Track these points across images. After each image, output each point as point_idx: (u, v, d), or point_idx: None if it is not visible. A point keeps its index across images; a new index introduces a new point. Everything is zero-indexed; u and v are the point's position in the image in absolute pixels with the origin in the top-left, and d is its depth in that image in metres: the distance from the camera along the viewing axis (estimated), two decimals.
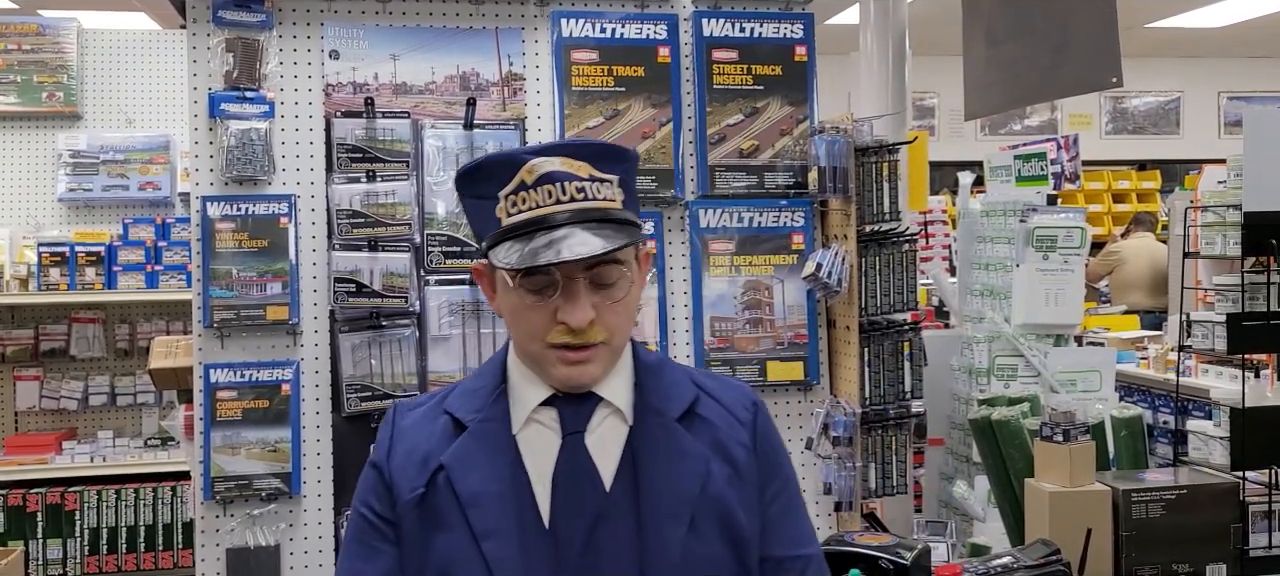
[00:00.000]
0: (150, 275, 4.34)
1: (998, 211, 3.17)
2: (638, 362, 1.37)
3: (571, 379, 1.29)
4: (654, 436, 1.32)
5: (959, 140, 9.13)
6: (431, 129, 2.71)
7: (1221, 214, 2.44)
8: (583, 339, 1.26)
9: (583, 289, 1.26)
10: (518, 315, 1.29)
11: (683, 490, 1.30)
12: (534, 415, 1.32)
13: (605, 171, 1.29)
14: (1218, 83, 10.08)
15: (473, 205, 1.33)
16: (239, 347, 2.63)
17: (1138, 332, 5.41)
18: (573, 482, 1.29)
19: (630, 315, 1.32)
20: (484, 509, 1.28)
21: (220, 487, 2.58)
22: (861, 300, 2.72)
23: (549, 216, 1.25)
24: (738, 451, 1.35)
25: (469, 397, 1.35)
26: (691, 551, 1.29)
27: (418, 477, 1.31)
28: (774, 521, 1.36)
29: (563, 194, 1.26)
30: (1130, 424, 2.54)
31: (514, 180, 1.26)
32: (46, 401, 4.52)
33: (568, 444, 1.31)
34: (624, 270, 1.29)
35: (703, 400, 1.37)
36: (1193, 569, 2.23)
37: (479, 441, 1.32)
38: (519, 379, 1.34)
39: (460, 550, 1.28)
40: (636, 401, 1.34)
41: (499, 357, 1.38)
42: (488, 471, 1.30)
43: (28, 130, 4.69)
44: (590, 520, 1.28)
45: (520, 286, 1.27)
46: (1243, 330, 2.39)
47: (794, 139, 2.85)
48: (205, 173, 2.64)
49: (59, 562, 4.28)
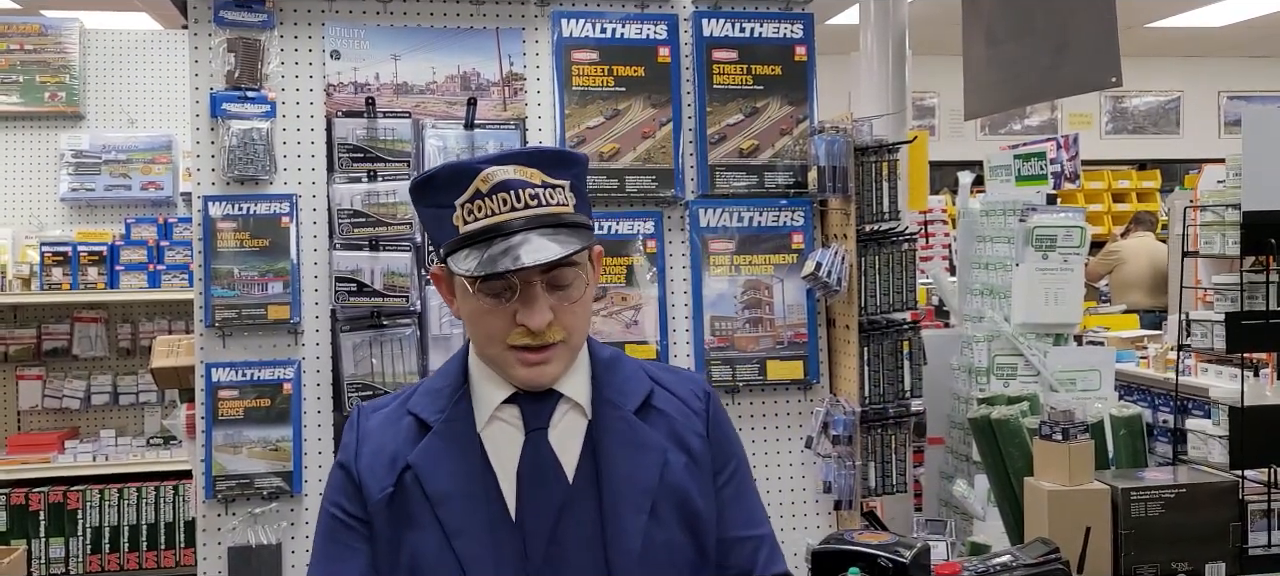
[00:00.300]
0: (152, 275, 4.35)
1: (997, 211, 3.18)
2: (594, 359, 1.42)
3: (532, 379, 1.33)
4: (613, 428, 1.38)
5: (959, 140, 9.13)
6: (432, 129, 2.72)
7: (1221, 213, 2.44)
8: (542, 340, 1.31)
9: (540, 292, 1.30)
10: (477, 319, 1.33)
11: (642, 479, 1.36)
12: (497, 413, 1.36)
13: (556, 177, 1.33)
14: (1218, 82, 10.08)
15: (428, 214, 1.37)
16: (241, 347, 2.64)
17: (1137, 332, 5.41)
18: (537, 477, 1.34)
19: (586, 314, 1.37)
20: (453, 507, 1.32)
21: (222, 486, 2.59)
22: (861, 299, 2.72)
23: (505, 223, 1.29)
24: (693, 440, 1.41)
25: (432, 398, 1.39)
26: (652, 537, 1.34)
27: (386, 477, 1.35)
28: (728, 503, 1.43)
29: (517, 201, 1.30)
30: (1129, 423, 2.55)
31: (469, 189, 1.30)
32: (49, 400, 4.53)
33: (531, 440, 1.35)
34: (579, 272, 1.34)
35: (657, 392, 1.43)
36: (1192, 567, 2.23)
37: (445, 441, 1.35)
38: (480, 378, 1.38)
39: (432, 548, 1.31)
40: (594, 396, 1.39)
41: (459, 358, 1.42)
42: (455, 470, 1.34)
43: (30, 130, 4.70)
44: (555, 512, 1.33)
45: (479, 292, 1.31)
46: (1242, 329, 2.39)
47: (794, 139, 2.86)
48: (207, 172, 2.65)
49: (61, 561, 4.29)
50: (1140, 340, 5.01)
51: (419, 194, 1.37)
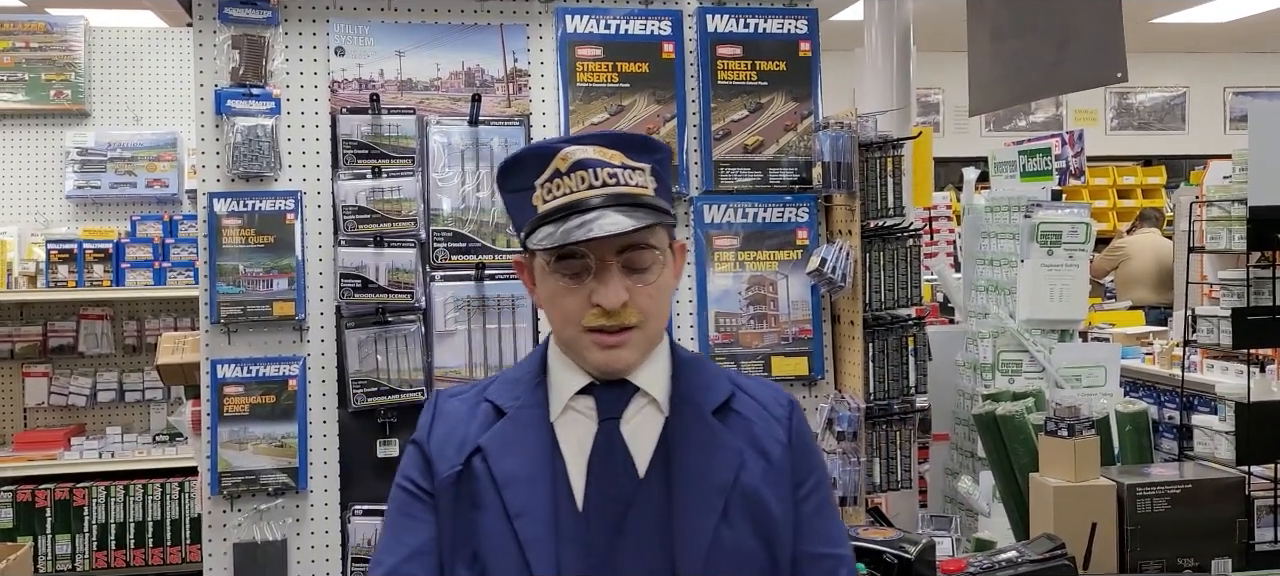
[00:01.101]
0: (158, 272, 4.36)
1: (1002, 207, 3.17)
2: (675, 357, 1.40)
3: (607, 363, 1.31)
4: (689, 427, 1.35)
5: (963, 136, 9.11)
6: (437, 125, 2.72)
7: (1227, 209, 2.43)
8: (617, 321, 1.29)
9: (616, 271, 1.29)
10: (554, 300, 1.32)
11: (716, 479, 1.32)
12: (572, 402, 1.35)
13: (637, 160, 1.32)
14: (1223, 78, 10.04)
15: (511, 199, 1.36)
16: (246, 343, 2.64)
17: (1142, 328, 5.39)
18: (606, 467, 1.32)
19: (664, 301, 1.35)
20: (518, 489, 1.31)
21: (227, 483, 2.59)
22: (866, 295, 2.72)
23: (582, 200, 1.28)
24: (773, 447, 1.37)
25: (509, 386, 1.39)
26: (721, 539, 1.30)
27: (455, 457, 1.35)
28: (807, 518, 1.38)
29: (595, 179, 1.29)
30: (1135, 419, 2.54)
31: (548, 168, 1.30)
32: (55, 397, 4.54)
33: (603, 429, 1.33)
34: (657, 254, 1.32)
35: (738, 396, 1.39)
36: (1198, 563, 2.22)
37: (517, 426, 1.35)
38: (558, 367, 1.37)
39: (494, 528, 1.30)
40: (673, 393, 1.36)
41: (540, 349, 1.41)
42: (524, 454, 1.33)
43: (36, 128, 4.71)
44: (623, 505, 1.31)
45: (556, 270, 1.31)
46: (1248, 325, 2.38)
47: (798, 134, 2.86)
48: (212, 169, 2.65)
49: (68, 558, 4.31)
50: (1145, 336, 4.99)
51: (503, 179, 1.37)
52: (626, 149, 1.32)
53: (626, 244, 1.29)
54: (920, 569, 1.89)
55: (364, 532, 2.64)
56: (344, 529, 2.67)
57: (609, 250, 1.29)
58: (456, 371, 2.69)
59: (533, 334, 2.74)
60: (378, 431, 2.68)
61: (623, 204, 1.28)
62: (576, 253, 1.28)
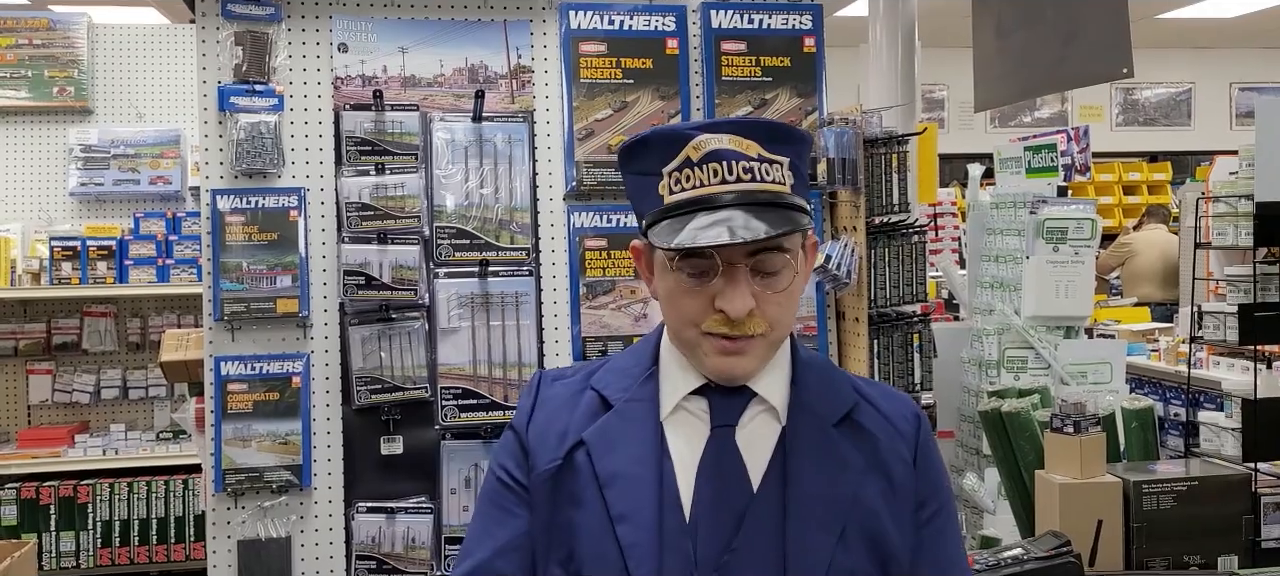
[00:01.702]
0: (161, 269, 4.36)
1: (1008, 203, 3.16)
2: (797, 361, 1.30)
3: (725, 370, 1.22)
4: (808, 439, 1.25)
5: (968, 132, 9.10)
6: (440, 121, 2.72)
7: (1233, 204, 2.42)
8: (741, 330, 1.20)
9: (744, 276, 1.19)
10: (674, 299, 1.23)
11: (835, 497, 1.23)
12: (683, 403, 1.26)
13: (775, 153, 1.21)
14: (1229, 73, 10.02)
15: (634, 181, 1.27)
16: (249, 340, 2.64)
17: (1148, 325, 5.38)
18: (718, 477, 1.23)
19: (793, 308, 1.25)
20: (622, 490, 1.22)
21: (231, 480, 2.59)
22: (871, 292, 2.71)
23: (714, 197, 1.18)
24: (896, 465, 1.27)
25: (618, 376, 1.30)
26: (838, 563, 1.21)
27: (556, 450, 1.26)
28: (927, 544, 1.28)
29: (729, 173, 1.19)
30: (1141, 415, 2.53)
31: (679, 156, 1.20)
32: (59, 394, 4.55)
33: (716, 436, 1.24)
34: (789, 259, 1.21)
35: (862, 407, 1.29)
36: (1204, 560, 2.21)
37: (624, 421, 1.26)
38: (671, 363, 1.28)
39: (593, 530, 1.22)
40: (792, 401, 1.27)
41: (652, 339, 1.32)
42: (630, 453, 1.24)
43: (39, 125, 4.71)
44: (734, 518, 1.21)
45: (679, 268, 1.21)
46: (1255, 321, 2.37)
47: None
48: (215, 166, 2.65)
49: (72, 555, 4.31)
50: (1151, 333, 4.98)
51: (626, 159, 1.27)
52: (765, 139, 1.21)
53: (758, 248, 1.19)
54: None
55: (367, 530, 2.64)
56: (348, 526, 2.66)
57: (738, 254, 1.18)
58: (460, 369, 2.68)
59: (536, 330, 2.73)
60: (381, 428, 2.67)
61: (757, 203, 1.18)
62: (703, 252, 1.18)
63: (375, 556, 2.63)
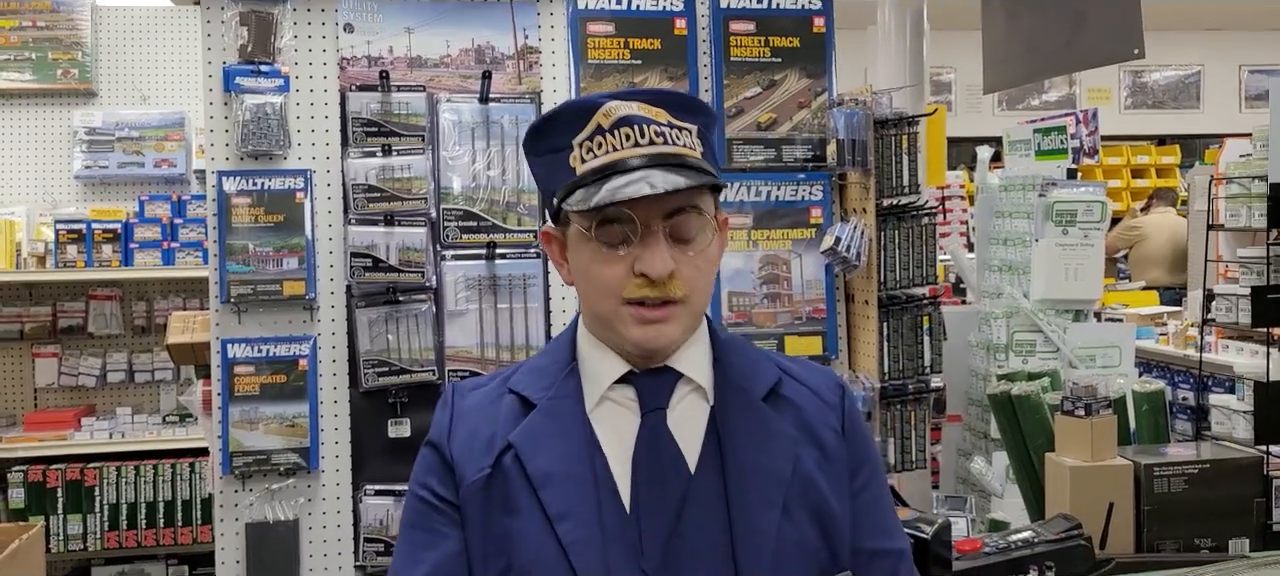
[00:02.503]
0: (166, 252, 4.35)
1: (1017, 186, 3.14)
2: (716, 340, 1.30)
3: (648, 340, 1.20)
4: (739, 415, 1.24)
5: (976, 116, 9.05)
6: (447, 103, 2.70)
7: (1246, 185, 2.40)
8: (662, 293, 1.18)
9: (662, 238, 1.18)
10: (591, 272, 1.21)
11: (773, 471, 1.22)
12: (609, 393, 1.24)
13: (683, 121, 1.22)
14: (1239, 55, 9.94)
15: (543, 162, 1.25)
16: (256, 323, 2.63)
17: (1156, 309, 5.36)
18: (655, 463, 1.21)
19: (709, 276, 1.24)
20: (558, 489, 1.19)
21: (238, 462, 2.59)
22: (880, 274, 2.70)
23: (626, 160, 1.17)
24: (826, 434, 1.27)
25: (536, 376, 1.28)
26: (784, 536, 1.20)
27: (483, 458, 1.23)
28: (864, 510, 1.29)
29: (641, 137, 1.18)
30: (1152, 398, 2.52)
31: (589, 125, 1.20)
32: (65, 378, 4.54)
33: (648, 422, 1.22)
34: (705, 222, 1.21)
35: (786, 381, 1.29)
36: (1215, 543, 2.20)
37: (550, 419, 1.23)
38: (592, 354, 1.26)
39: (532, 533, 1.19)
40: (717, 379, 1.26)
41: (567, 335, 1.31)
42: (561, 450, 1.21)
43: (43, 107, 4.69)
44: (676, 503, 1.20)
45: (595, 237, 1.19)
46: (1267, 303, 2.36)
47: (812, 112, 2.83)
48: (221, 148, 2.63)
49: (79, 537, 4.31)
50: (1160, 317, 4.96)
51: (535, 139, 1.26)
52: (672, 108, 1.22)
53: (674, 208, 1.18)
54: (937, 548, 1.87)
55: (375, 513, 2.64)
56: (355, 508, 2.66)
57: (655, 215, 1.17)
58: (468, 351, 2.67)
59: (544, 314, 2.72)
60: (389, 411, 2.66)
61: (668, 165, 1.17)
62: (619, 216, 1.17)
63: (383, 539, 2.62)
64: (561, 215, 1.25)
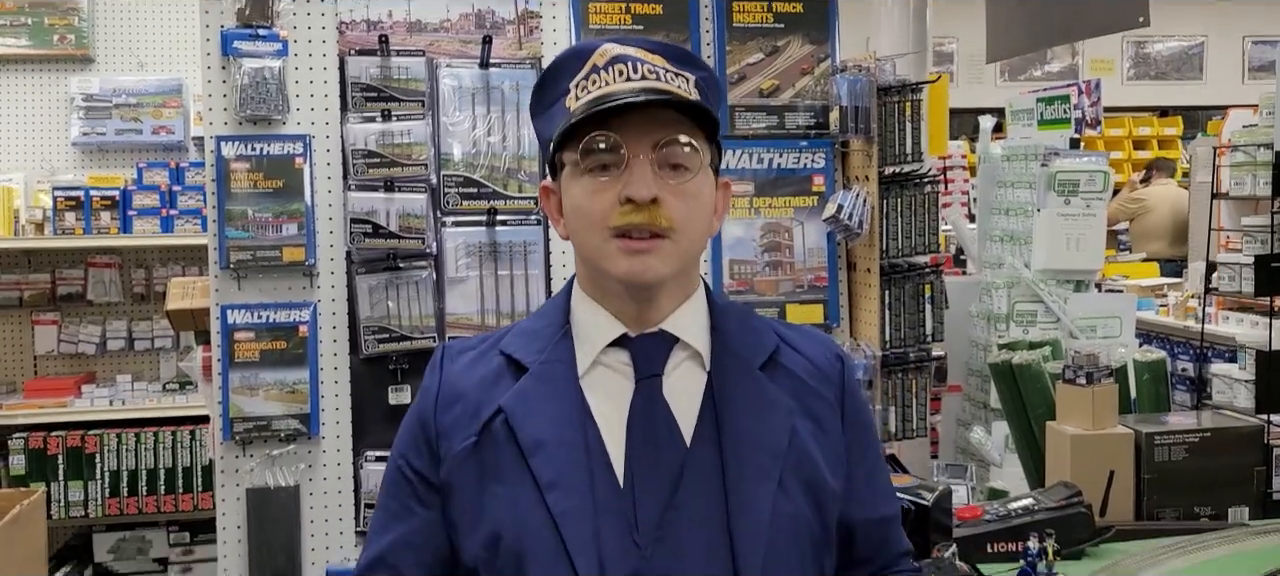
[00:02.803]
0: (165, 219, 4.33)
1: (1019, 156, 3.13)
2: (714, 307, 1.28)
3: (634, 273, 1.17)
4: (736, 384, 1.22)
5: (977, 86, 9.01)
6: (447, 68, 2.68)
7: (1252, 154, 2.39)
8: (648, 220, 1.16)
9: (649, 166, 1.17)
10: (582, 207, 1.19)
11: (770, 443, 1.20)
12: (602, 358, 1.22)
13: (681, 71, 1.22)
14: (1242, 27, 9.89)
15: (544, 117, 1.25)
16: (256, 289, 2.62)
17: (1157, 280, 5.36)
18: (650, 431, 1.18)
19: (700, 215, 1.21)
20: (548, 457, 1.17)
21: (239, 428, 2.59)
22: (882, 242, 2.69)
23: (616, 93, 1.17)
24: (822, 407, 1.26)
25: (529, 338, 1.25)
26: (779, 510, 1.18)
27: (470, 426, 1.20)
28: (860, 482, 1.28)
29: (634, 72, 1.18)
30: (1153, 367, 2.52)
31: (585, 66, 1.20)
32: (65, 345, 4.54)
33: (642, 388, 1.20)
34: (696, 156, 1.19)
35: (784, 350, 1.27)
36: (1215, 511, 2.21)
37: (542, 384, 1.21)
38: (586, 316, 1.24)
39: (522, 503, 1.16)
40: (715, 346, 1.24)
41: (561, 297, 1.28)
42: (552, 416, 1.18)
43: (40, 73, 4.66)
44: (671, 474, 1.17)
45: (583, 169, 1.18)
46: (1271, 272, 2.35)
47: (815, 78, 2.81)
48: (219, 112, 2.61)
49: (80, 504, 4.32)
50: (1160, 288, 4.96)
51: (539, 93, 1.26)
52: (671, 58, 1.22)
53: (663, 140, 1.17)
54: (937, 515, 1.88)
55: (376, 479, 2.64)
56: (356, 474, 2.66)
57: (643, 144, 1.17)
58: (468, 318, 2.66)
59: (545, 281, 2.71)
60: (389, 377, 2.66)
61: (664, 98, 1.18)
62: (606, 143, 1.17)
63: None
64: (558, 167, 1.24)
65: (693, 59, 1.25)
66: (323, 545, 2.65)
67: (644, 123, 1.18)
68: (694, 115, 1.20)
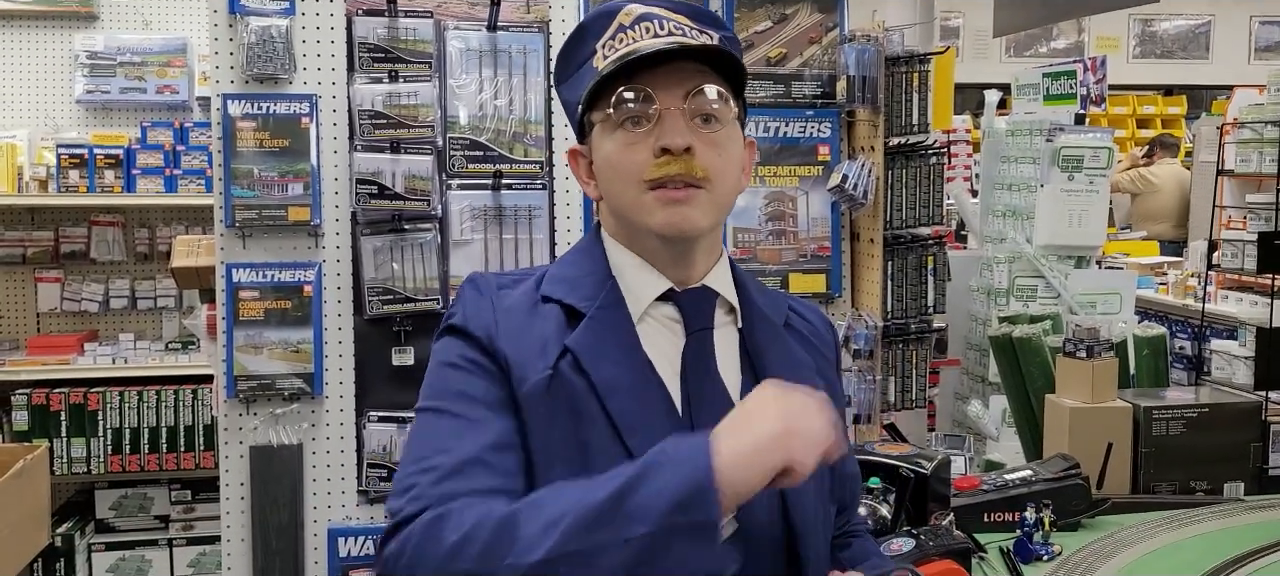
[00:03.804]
0: (169, 179, 4.32)
1: (1023, 130, 3.13)
2: (733, 268, 1.31)
3: (672, 225, 1.17)
4: (770, 341, 1.27)
5: (983, 61, 8.98)
6: (454, 29, 2.67)
7: (1259, 131, 2.39)
8: (685, 169, 1.16)
9: (681, 116, 1.18)
10: (613, 162, 1.20)
11: None
12: (650, 310, 1.23)
13: (705, 29, 1.25)
14: (1250, 6, 9.83)
15: (570, 82, 1.26)
16: (261, 248, 2.63)
17: (1157, 258, 5.37)
18: (704, 381, 1.21)
19: (731, 167, 1.22)
20: (624, 400, 1.16)
21: (243, 387, 2.60)
22: (886, 213, 2.69)
23: (645, 47, 1.18)
24: (826, 367, 1.34)
25: (573, 285, 1.24)
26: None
27: (540, 361, 1.17)
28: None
29: (661, 29, 1.20)
30: (1152, 343, 2.53)
31: (612, 26, 1.22)
32: (68, 303, 4.55)
33: (694, 340, 1.22)
34: (727, 109, 1.21)
35: (793, 316, 1.34)
36: (1211, 486, 2.23)
37: (604, 328, 1.20)
38: (630, 269, 1.24)
39: (601, 445, 1.15)
40: (742, 303, 1.28)
41: (593, 248, 1.27)
42: (619, 361, 1.18)
43: (44, 29, 4.64)
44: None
45: (614, 120, 1.19)
46: (1275, 248, 2.36)
47: (823, 47, 2.80)
48: (225, 71, 2.61)
49: (82, 460, 4.35)
50: (1160, 266, 4.97)
51: (564, 60, 1.27)
52: (695, 17, 1.24)
53: (693, 88, 1.18)
54: (935, 485, 1.90)
55: (379, 438, 2.66)
56: (359, 435, 2.68)
57: (674, 95, 1.18)
58: None
59: (549, 245, 2.72)
60: (393, 339, 2.68)
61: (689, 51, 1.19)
62: (638, 95, 1.18)
63: (386, 465, 2.65)
64: (587, 129, 1.26)
65: (715, 18, 1.28)
66: (325, 504, 2.68)
67: (674, 75, 1.19)
68: (721, 69, 1.22)
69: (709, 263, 1.26)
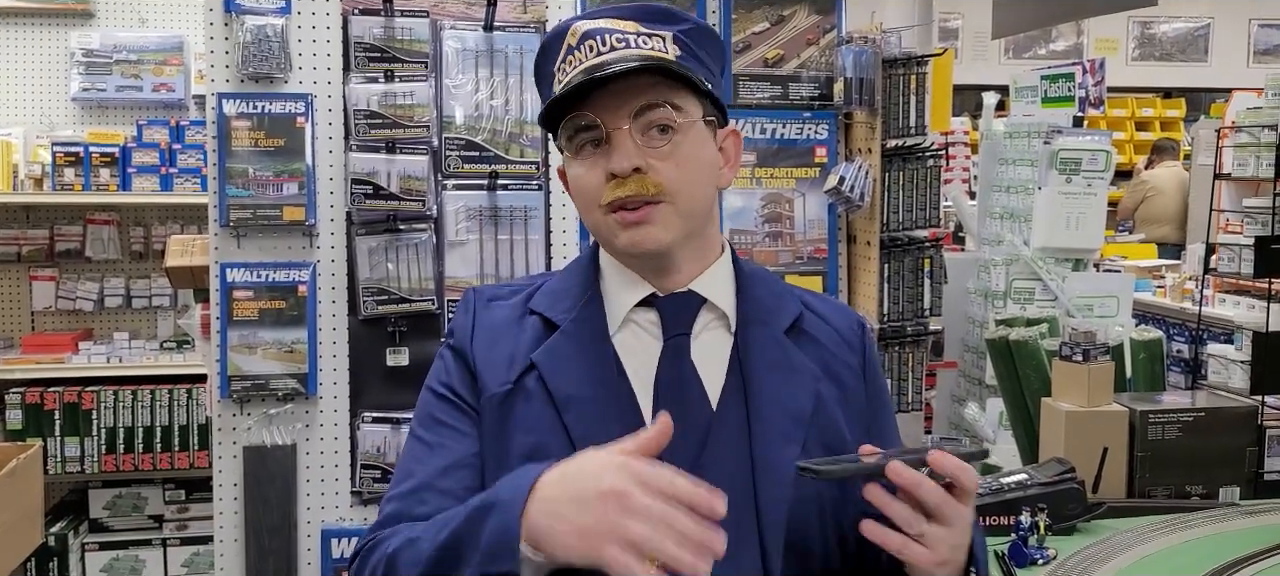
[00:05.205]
0: (165, 178, 4.31)
1: (1022, 133, 3.12)
2: (740, 271, 1.28)
3: (634, 244, 1.18)
4: (761, 348, 1.22)
5: (981, 63, 8.99)
6: (451, 29, 2.66)
7: (1256, 134, 2.39)
8: (636, 191, 1.16)
9: (627, 137, 1.17)
10: (577, 187, 1.22)
11: (795, 408, 1.21)
12: (631, 316, 1.23)
13: (655, 30, 1.20)
14: (1249, 9, 9.84)
15: (544, 100, 1.25)
16: (256, 248, 2.62)
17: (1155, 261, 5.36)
18: (678, 393, 1.19)
19: (692, 174, 1.20)
20: (581, 413, 1.17)
21: (237, 387, 2.59)
22: (883, 215, 2.69)
23: (589, 68, 1.17)
24: (846, 373, 1.27)
25: (557, 298, 1.26)
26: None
27: (506, 374, 1.21)
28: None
29: (603, 45, 1.18)
30: (1149, 347, 2.52)
31: (562, 47, 1.21)
32: (62, 302, 4.53)
33: (671, 347, 1.21)
34: (678, 117, 1.18)
35: (807, 316, 1.28)
36: (1206, 490, 2.23)
37: (573, 342, 1.22)
38: (613, 276, 1.25)
39: (554, 456, 1.12)
40: (740, 310, 1.24)
41: (586, 257, 1.30)
42: (584, 374, 1.19)
43: (40, 27, 4.62)
44: (698, 434, 1.18)
45: (570, 150, 1.21)
46: (1271, 253, 2.35)
47: (820, 49, 2.79)
48: (221, 69, 2.60)
49: (76, 460, 4.34)
50: (1157, 270, 4.96)
51: (537, 79, 1.27)
52: (643, 19, 1.20)
53: (640, 106, 1.17)
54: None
55: (373, 439, 2.65)
56: (353, 435, 2.67)
57: (620, 116, 1.17)
58: (467, 282, 2.66)
59: (545, 246, 2.71)
60: (388, 340, 2.67)
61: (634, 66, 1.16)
62: (584, 122, 1.18)
63: (380, 465, 2.64)
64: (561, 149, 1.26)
65: (670, 13, 1.23)
66: (318, 504, 2.67)
67: (622, 93, 1.18)
68: (675, 73, 1.19)
69: (698, 267, 1.24)
